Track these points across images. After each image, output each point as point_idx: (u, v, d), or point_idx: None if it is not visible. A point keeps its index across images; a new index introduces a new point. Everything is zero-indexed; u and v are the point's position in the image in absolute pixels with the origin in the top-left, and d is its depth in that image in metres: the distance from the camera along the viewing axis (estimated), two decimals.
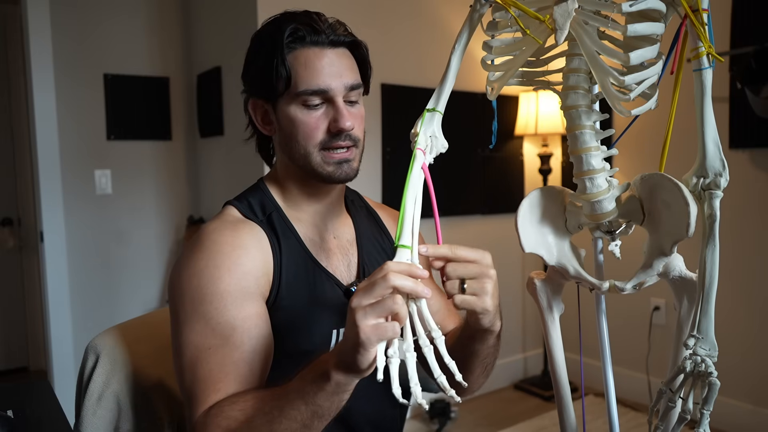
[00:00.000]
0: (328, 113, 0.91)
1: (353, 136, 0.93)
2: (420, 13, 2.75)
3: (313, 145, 0.92)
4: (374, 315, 0.64)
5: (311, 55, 0.90)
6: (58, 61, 2.64)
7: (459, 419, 2.79)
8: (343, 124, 0.90)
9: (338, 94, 0.91)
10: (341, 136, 0.91)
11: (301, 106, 0.91)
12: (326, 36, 0.91)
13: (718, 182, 0.72)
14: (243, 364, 0.84)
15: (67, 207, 2.68)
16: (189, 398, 0.83)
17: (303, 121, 0.91)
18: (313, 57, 0.90)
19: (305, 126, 0.91)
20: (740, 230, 2.46)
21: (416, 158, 0.78)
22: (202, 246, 0.89)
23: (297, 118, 0.91)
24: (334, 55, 0.92)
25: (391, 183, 2.67)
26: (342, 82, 0.91)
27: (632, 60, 0.70)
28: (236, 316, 0.85)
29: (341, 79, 0.91)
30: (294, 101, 0.91)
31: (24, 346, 3.63)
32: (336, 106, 0.91)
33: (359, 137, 0.95)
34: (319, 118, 0.91)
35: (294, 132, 0.92)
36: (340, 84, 0.91)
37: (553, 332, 0.90)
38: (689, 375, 0.70)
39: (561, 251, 0.86)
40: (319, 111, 0.91)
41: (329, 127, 0.91)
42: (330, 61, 0.91)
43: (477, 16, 0.83)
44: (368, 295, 0.65)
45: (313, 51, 0.91)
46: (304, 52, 0.91)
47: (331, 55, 0.91)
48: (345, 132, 0.91)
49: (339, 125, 0.90)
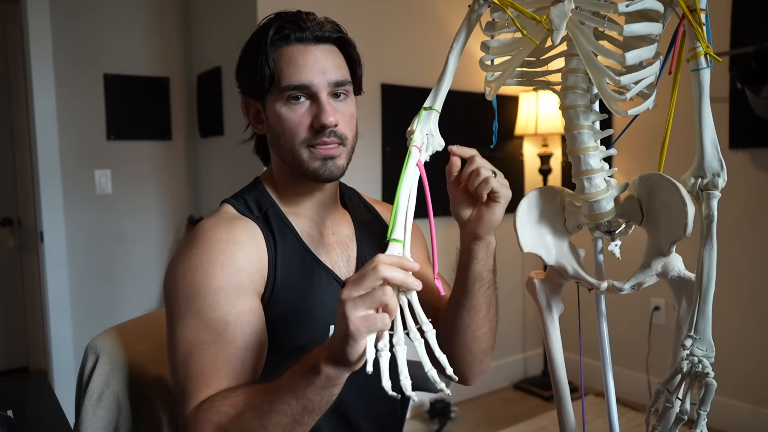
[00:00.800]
0: (312, 110, 0.92)
1: (339, 133, 0.93)
2: (420, 13, 2.75)
3: (299, 141, 0.92)
4: (364, 306, 0.64)
5: (295, 51, 0.91)
6: (58, 61, 2.64)
7: (459, 419, 2.79)
8: (325, 119, 0.90)
9: (321, 90, 0.91)
10: (325, 132, 0.91)
11: (286, 103, 0.92)
12: (311, 32, 0.92)
13: (716, 182, 0.72)
14: (235, 360, 0.84)
15: (67, 207, 2.68)
16: (181, 393, 0.84)
17: (287, 117, 0.92)
18: (296, 53, 0.91)
19: (289, 122, 0.92)
20: (740, 230, 2.46)
21: (411, 155, 0.78)
22: (197, 242, 0.90)
23: (282, 115, 0.92)
24: (318, 52, 0.92)
25: (391, 182, 2.67)
26: (325, 78, 0.91)
27: (628, 60, 0.71)
28: (229, 312, 0.85)
29: (325, 75, 0.91)
30: (279, 98, 0.92)
31: (24, 346, 3.63)
32: (319, 101, 0.91)
33: (346, 135, 0.94)
34: (303, 114, 0.91)
35: (280, 129, 0.93)
36: (323, 80, 0.91)
37: (552, 332, 0.90)
38: (686, 375, 0.70)
39: (560, 251, 0.86)
40: (303, 107, 0.92)
41: (312, 123, 0.91)
42: (314, 57, 0.91)
43: (475, 17, 0.83)
44: (358, 286, 0.65)
45: (297, 48, 0.92)
46: (289, 50, 0.92)
47: (315, 52, 0.92)
48: (328, 128, 0.91)
49: (321, 120, 0.90)
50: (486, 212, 0.88)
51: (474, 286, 0.93)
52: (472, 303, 0.95)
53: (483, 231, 0.89)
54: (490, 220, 0.88)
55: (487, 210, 0.88)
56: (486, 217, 0.88)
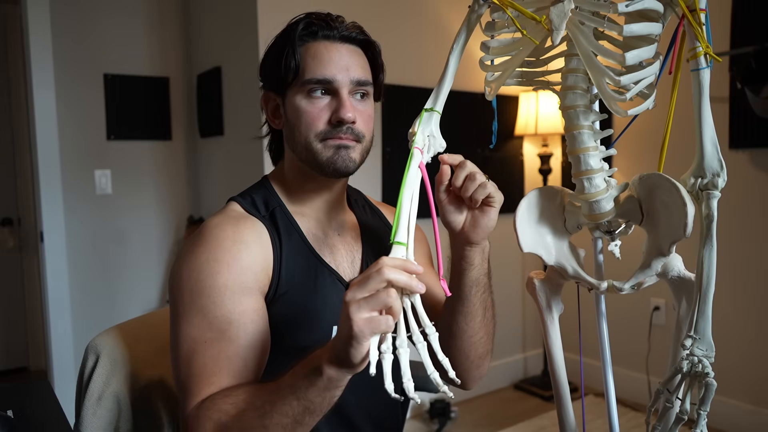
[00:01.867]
0: (332, 105, 0.92)
1: (356, 130, 0.93)
2: (420, 13, 2.75)
3: (315, 134, 0.92)
4: (368, 308, 0.64)
5: (321, 47, 0.93)
6: (58, 61, 2.64)
7: (459, 419, 2.79)
8: (344, 114, 0.90)
9: (343, 87, 0.92)
10: (342, 128, 0.91)
11: (307, 96, 0.92)
12: (338, 32, 0.93)
13: (716, 182, 0.72)
14: (237, 359, 0.84)
15: (67, 207, 2.68)
16: (183, 391, 0.84)
17: (306, 110, 0.92)
18: (322, 49, 0.93)
19: (308, 115, 0.92)
20: (740, 230, 2.46)
21: (413, 157, 0.78)
22: (203, 240, 0.90)
23: (301, 107, 0.93)
24: (344, 50, 0.94)
25: (391, 183, 2.67)
26: (348, 76, 0.92)
27: (628, 60, 0.71)
28: (233, 311, 0.86)
29: (348, 72, 0.92)
30: (300, 91, 0.93)
31: (24, 346, 3.63)
32: (340, 97, 0.92)
33: (363, 133, 0.95)
34: (322, 108, 0.92)
35: (297, 122, 0.93)
36: (346, 77, 0.92)
37: (552, 332, 0.90)
38: (686, 375, 0.70)
39: (560, 251, 0.86)
40: (323, 102, 0.92)
41: (331, 117, 0.92)
42: (339, 54, 0.93)
43: (475, 17, 0.83)
44: (362, 288, 0.65)
45: (323, 44, 0.93)
46: (315, 45, 0.93)
47: (341, 49, 0.93)
48: (346, 123, 0.91)
49: (340, 115, 0.90)
50: (481, 217, 0.87)
51: (471, 291, 0.93)
52: (468, 309, 0.94)
53: (479, 237, 0.89)
54: (486, 225, 0.88)
55: (482, 215, 0.87)
56: (482, 222, 0.87)
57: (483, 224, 0.88)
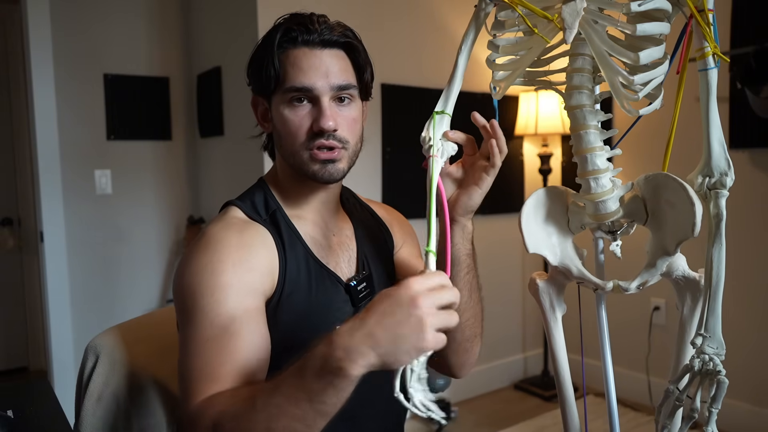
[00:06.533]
0: (313, 113, 0.92)
1: (339, 137, 0.93)
2: (420, 13, 2.75)
3: (299, 143, 0.93)
4: (439, 324, 0.64)
5: (300, 54, 0.92)
6: (58, 60, 2.64)
7: (459, 419, 2.79)
8: (324, 123, 0.90)
9: (323, 94, 0.91)
10: (324, 135, 0.92)
11: (289, 104, 0.93)
12: (318, 36, 0.92)
13: (724, 181, 0.72)
14: (240, 357, 0.83)
15: (67, 207, 2.68)
16: (184, 389, 0.83)
17: (289, 118, 0.93)
18: (301, 56, 0.92)
19: (290, 124, 0.93)
20: (741, 230, 2.46)
21: (435, 165, 0.79)
22: (207, 245, 0.89)
23: (284, 116, 0.93)
24: (324, 56, 0.93)
25: (391, 182, 2.66)
26: (328, 82, 0.92)
27: (642, 59, 0.70)
28: (237, 308, 0.85)
29: (327, 79, 0.92)
30: (283, 99, 0.93)
31: (24, 346, 3.62)
32: (320, 105, 0.92)
33: (347, 139, 0.94)
34: (303, 116, 0.92)
35: (283, 130, 0.94)
36: (326, 83, 0.91)
37: (555, 333, 0.90)
38: (697, 373, 0.70)
39: (564, 251, 0.86)
40: (304, 110, 0.92)
41: (312, 126, 0.92)
42: (319, 60, 0.92)
43: (483, 15, 0.83)
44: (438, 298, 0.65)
45: (302, 51, 0.92)
46: (294, 52, 0.92)
47: (320, 55, 0.92)
48: (326, 132, 0.91)
49: (320, 124, 0.91)
50: (463, 195, 0.91)
51: (452, 271, 0.93)
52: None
53: (457, 213, 0.92)
54: (466, 204, 0.92)
55: (464, 193, 0.91)
56: (462, 200, 0.91)
57: (462, 202, 0.92)
